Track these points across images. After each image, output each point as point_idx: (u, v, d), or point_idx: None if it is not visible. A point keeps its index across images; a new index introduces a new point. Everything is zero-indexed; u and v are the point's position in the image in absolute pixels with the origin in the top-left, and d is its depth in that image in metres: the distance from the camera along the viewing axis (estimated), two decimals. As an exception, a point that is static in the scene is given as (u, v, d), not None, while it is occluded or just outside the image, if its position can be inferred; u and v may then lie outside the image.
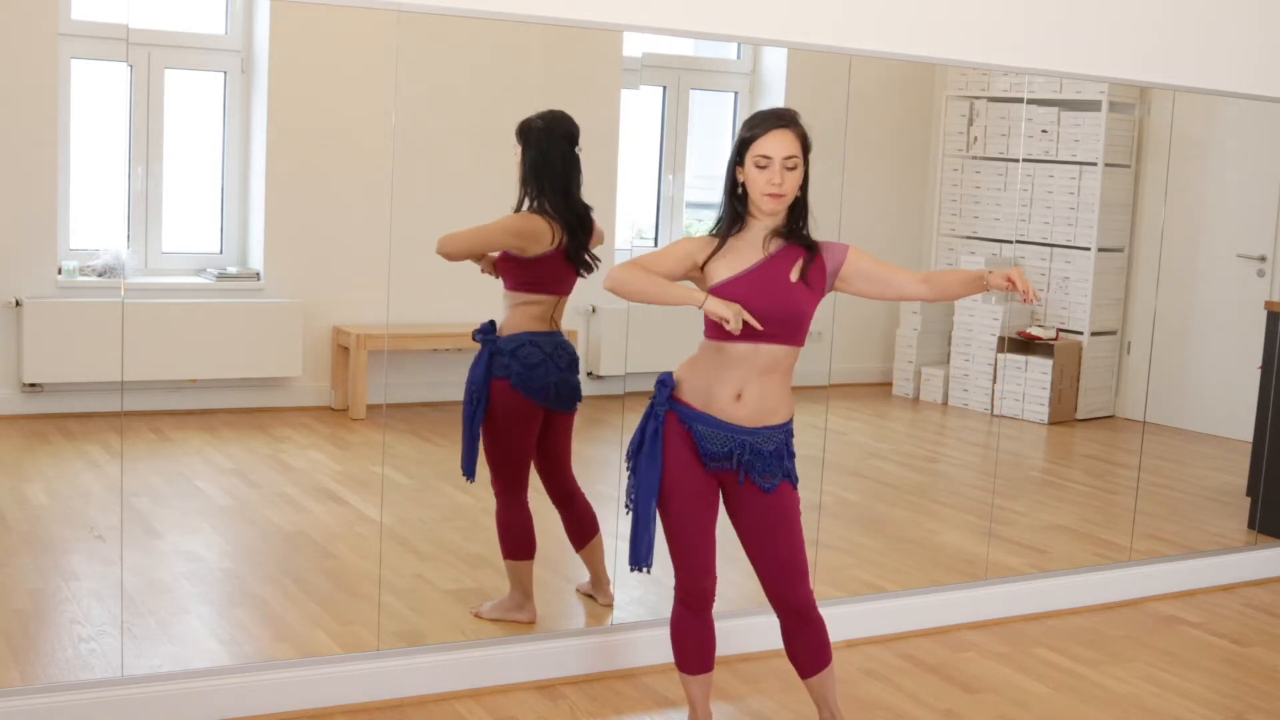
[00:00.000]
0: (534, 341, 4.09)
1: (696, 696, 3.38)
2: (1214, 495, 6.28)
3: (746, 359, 3.18)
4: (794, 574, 3.27)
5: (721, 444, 3.20)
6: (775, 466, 3.22)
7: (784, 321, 3.16)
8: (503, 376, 4.07)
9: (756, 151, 3.15)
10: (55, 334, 5.27)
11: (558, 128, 4.10)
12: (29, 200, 5.26)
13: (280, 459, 5.44)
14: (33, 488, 5.03)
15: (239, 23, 5.78)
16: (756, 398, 3.19)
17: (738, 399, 3.19)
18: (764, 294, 3.16)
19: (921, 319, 6.51)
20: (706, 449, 3.21)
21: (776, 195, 3.16)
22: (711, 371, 3.21)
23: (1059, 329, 6.79)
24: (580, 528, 4.31)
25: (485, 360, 4.09)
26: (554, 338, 4.14)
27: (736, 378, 3.19)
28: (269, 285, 5.63)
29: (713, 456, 3.21)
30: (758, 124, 3.18)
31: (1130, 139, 6.85)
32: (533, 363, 4.08)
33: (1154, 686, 4.19)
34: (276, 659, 3.80)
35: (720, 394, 3.20)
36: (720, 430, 3.19)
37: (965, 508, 5.71)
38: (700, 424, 3.20)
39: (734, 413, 3.19)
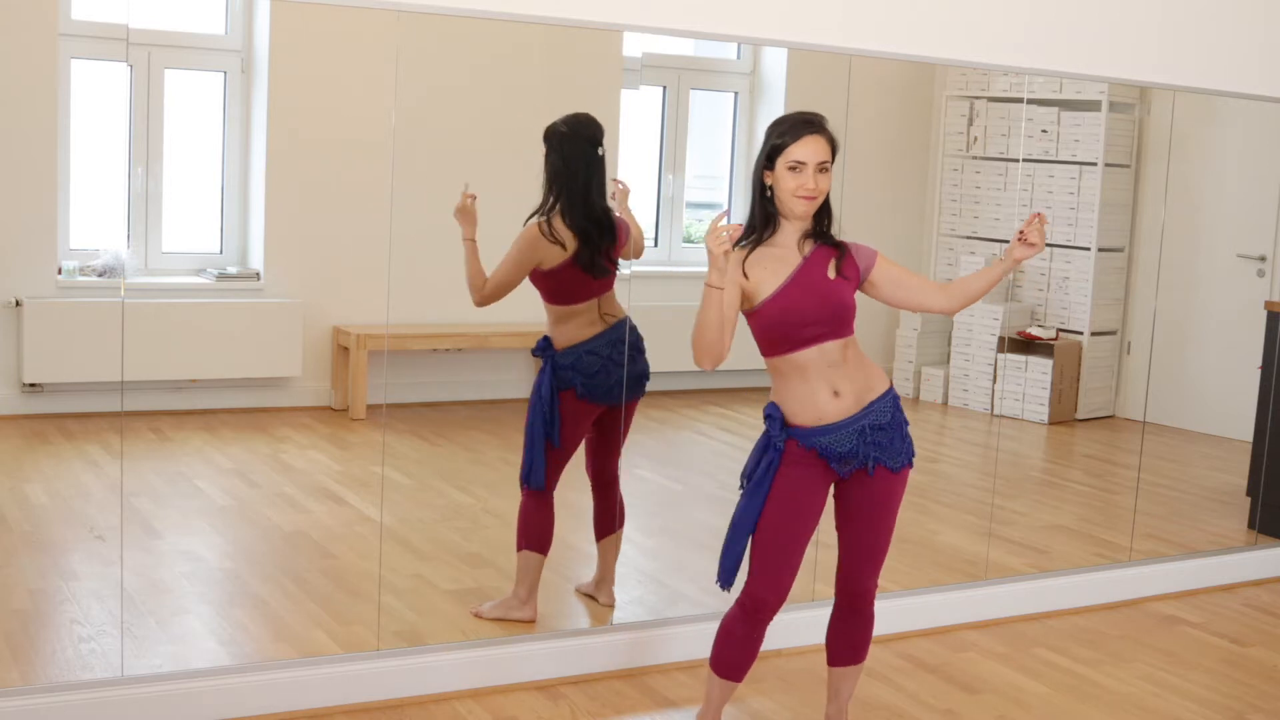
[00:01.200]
0: (591, 350, 4.13)
1: (715, 699, 3.38)
2: (1214, 495, 6.28)
3: (818, 361, 3.21)
4: (874, 563, 3.34)
5: (846, 441, 3.22)
6: (899, 442, 3.27)
7: (835, 317, 3.22)
8: (568, 387, 4.12)
9: (791, 157, 3.19)
10: (55, 334, 5.27)
11: (582, 131, 4.11)
12: (29, 200, 5.26)
13: (280, 459, 5.44)
14: (33, 488, 5.03)
15: (239, 23, 5.78)
16: (850, 386, 3.24)
17: (835, 396, 3.23)
18: (813, 295, 3.21)
19: (921, 319, 6.51)
20: (836, 453, 3.22)
21: (810, 198, 3.20)
22: (799, 387, 3.24)
23: (1059, 329, 6.78)
24: (608, 517, 4.33)
25: (550, 373, 4.12)
26: (608, 336, 4.16)
27: (823, 381, 3.22)
28: (269, 285, 5.63)
29: (843, 459, 3.23)
30: (789, 129, 3.21)
31: (1130, 139, 6.85)
32: (593, 371, 4.12)
33: (1154, 686, 4.19)
34: (276, 659, 3.80)
35: (820, 400, 3.22)
36: (840, 430, 3.22)
37: (965, 508, 5.71)
38: (821, 437, 3.22)
39: (841, 408, 3.23)
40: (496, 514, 5.13)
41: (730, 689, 3.38)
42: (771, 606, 3.29)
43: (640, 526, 4.90)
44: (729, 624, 3.33)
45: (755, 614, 3.29)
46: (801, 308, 3.19)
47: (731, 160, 5.96)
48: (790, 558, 3.27)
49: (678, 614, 4.29)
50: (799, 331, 3.20)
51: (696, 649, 4.09)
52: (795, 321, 3.19)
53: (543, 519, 4.18)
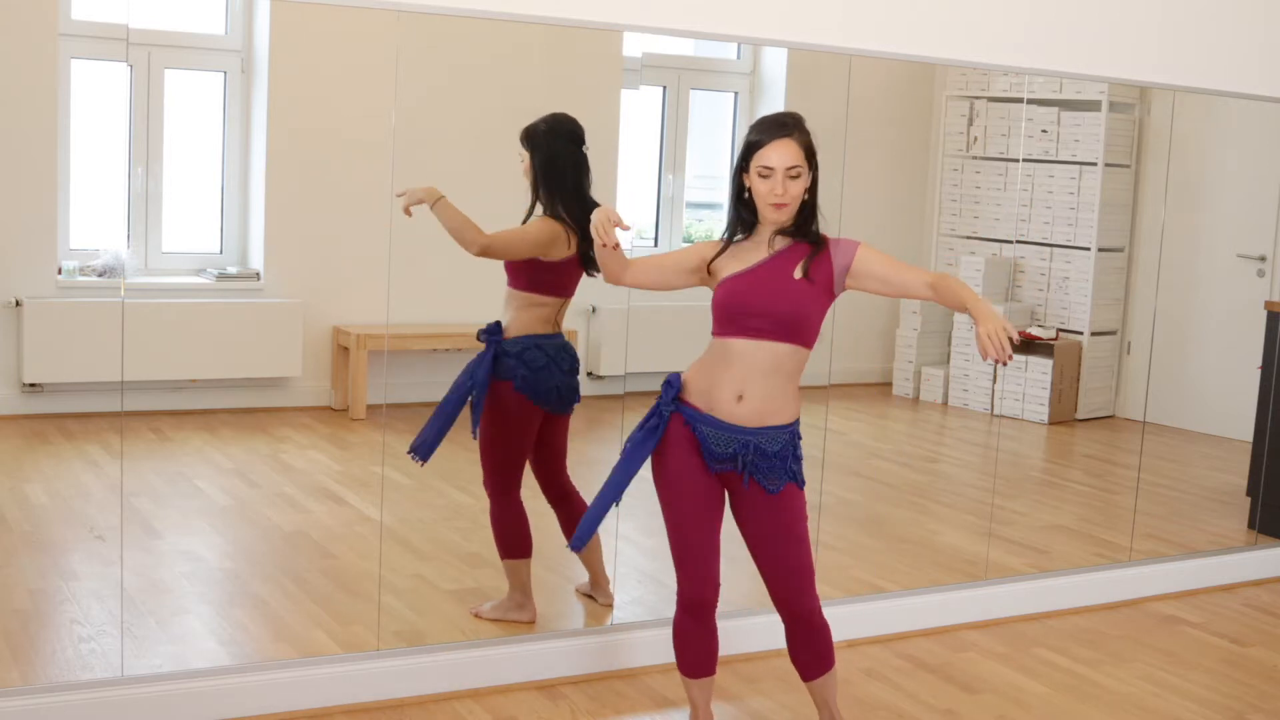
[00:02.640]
0: (539, 345, 4.10)
1: (698, 699, 3.38)
2: (1214, 495, 6.28)
3: (747, 356, 3.16)
4: (799, 580, 3.26)
5: (725, 445, 3.19)
6: (780, 468, 3.20)
7: (784, 318, 3.15)
8: (507, 378, 4.07)
9: (759, 162, 3.15)
10: (55, 334, 5.27)
11: (561, 129, 4.10)
12: (29, 200, 5.26)
13: (280, 459, 5.44)
14: (33, 488, 5.03)
15: (239, 23, 5.78)
16: (759, 398, 3.18)
17: (739, 400, 3.18)
18: (764, 290, 3.16)
19: (921, 319, 6.51)
20: (711, 450, 3.20)
21: (780, 205, 3.16)
22: (715, 372, 3.21)
23: (1059, 329, 6.78)
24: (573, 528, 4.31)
25: (489, 360, 4.07)
26: (556, 340, 4.15)
27: (738, 377, 3.18)
28: (269, 285, 5.63)
29: (717, 458, 3.21)
30: (761, 132, 3.17)
31: (1130, 139, 6.85)
32: (537, 366, 4.08)
33: (1154, 686, 4.19)
34: (276, 659, 3.80)
35: (722, 395, 3.19)
36: (723, 431, 3.19)
37: (965, 508, 5.71)
38: (704, 425, 3.20)
39: (736, 413, 3.18)
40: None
41: (708, 685, 3.37)
42: (709, 599, 3.28)
43: (640, 526, 4.90)
44: (678, 627, 3.32)
45: (695, 609, 3.28)
46: (747, 298, 3.15)
47: (731, 160, 5.95)
48: (705, 547, 3.24)
49: (678, 614, 4.28)
50: (742, 319, 3.16)
51: (696, 649, 4.09)
52: (738, 308, 3.16)
53: (514, 524, 4.16)
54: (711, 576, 3.26)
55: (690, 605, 3.28)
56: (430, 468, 5.25)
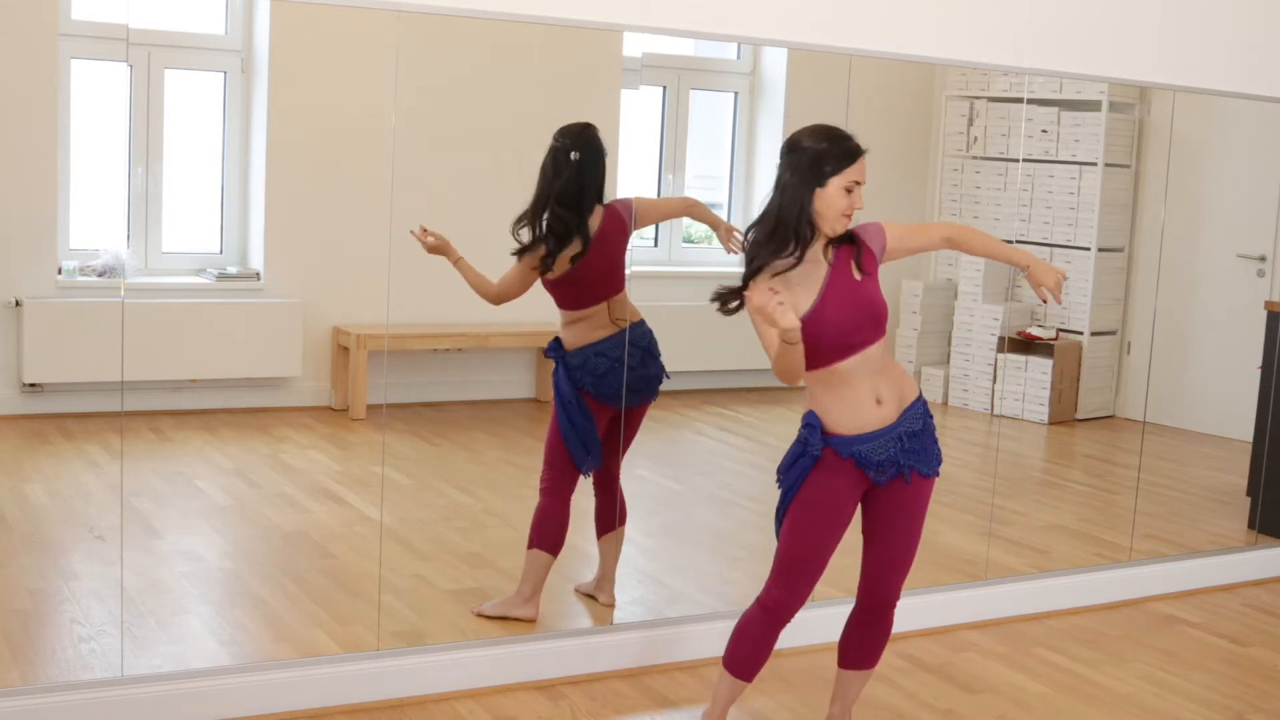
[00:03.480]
0: (599, 352, 4.15)
1: (724, 696, 3.38)
2: (1214, 495, 6.28)
3: (861, 369, 3.20)
4: (902, 569, 3.33)
5: (884, 450, 3.22)
6: (932, 447, 3.28)
7: (874, 320, 3.21)
8: (580, 386, 4.15)
9: (853, 178, 3.17)
10: (55, 334, 5.27)
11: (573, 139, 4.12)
12: (29, 200, 5.26)
13: (280, 459, 5.44)
14: (33, 488, 5.03)
15: (239, 23, 5.78)
16: (890, 393, 3.24)
17: (879, 404, 3.22)
18: (849, 303, 3.19)
19: (921, 319, 6.51)
20: (874, 461, 3.21)
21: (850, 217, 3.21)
22: (844, 396, 3.21)
23: (1059, 329, 6.79)
24: (609, 514, 4.33)
25: (563, 372, 4.16)
26: (617, 339, 4.17)
27: (868, 388, 3.21)
28: (269, 285, 5.63)
29: (880, 468, 3.22)
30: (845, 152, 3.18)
31: (1130, 139, 6.85)
32: (600, 372, 4.15)
33: (1154, 686, 4.19)
34: (276, 659, 3.80)
35: (864, 408, 3.21)
36: (878, 439, 3.21)
37: (965, 508, 5.70)
38: (861, 445, 3.21)
39: (883, 416, 3.22)
40: (496, 514, 5.13)
41: (739, 689, 3.37)
42: (792, 610, 3.29)
43: (640, 526, 4.90)
44: (746, 623, 3.32)
45: (775, 616, 3.28)
46: (841, 318, 3.16)
47: (731, 160, 5.96)
48: (817, 564, 3.27)
49: (678, 614, 4.28)
50: (843, 340, 3.17)
51: (697, 649, 4.09)
52: (838, 332, 3.16)
53: (559, 521, 4.19)
54: (808, 590, 3.29)
55: (772, 608, 3.27)
56: (430, 468, 5.26)
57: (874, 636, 3.41)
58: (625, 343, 4.17)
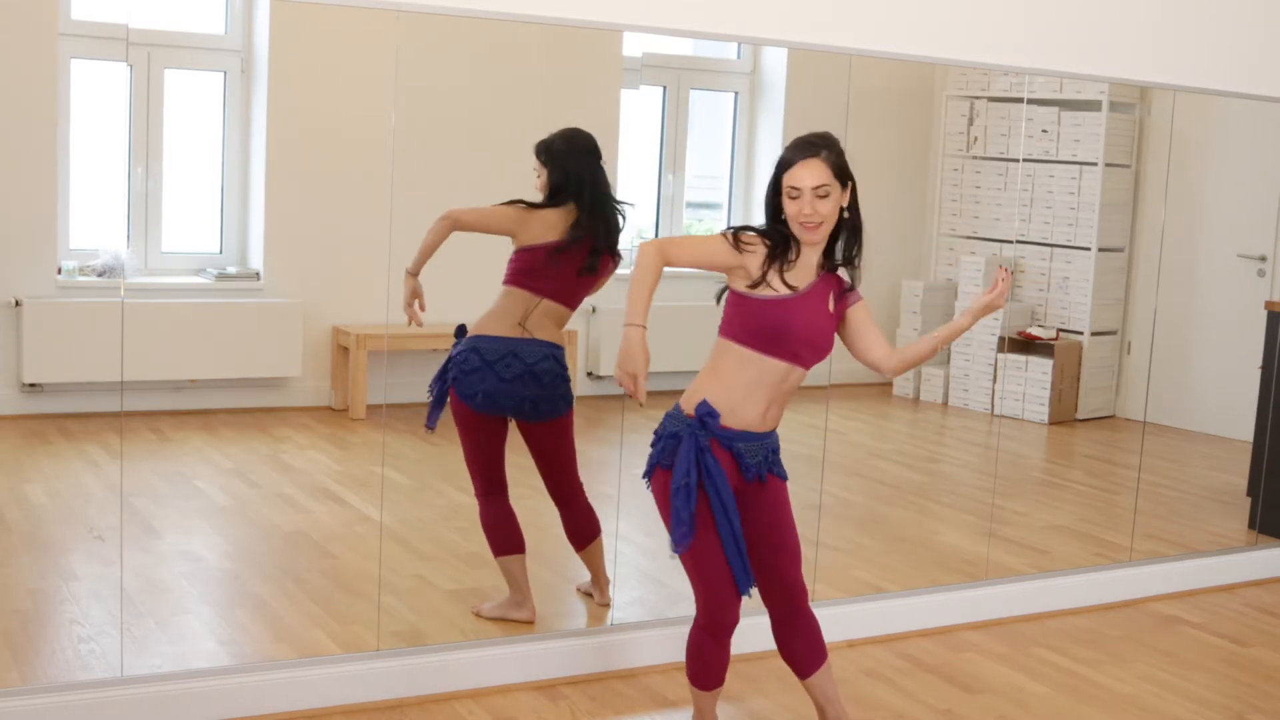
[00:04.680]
0: (476, 348, 4.05)
1: (705, 708, 3.39)
2: (1214, 495, 6.28)
3: (783, 379, 3.21)
4: (788, 553, 3.31)
5: (756, 454, 3.24)
6: (778, 457, 3.32)
7: (820, 348, 3.22)
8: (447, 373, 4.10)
9: (788, 183, 3.14)
10: (55, 334, 5.27)
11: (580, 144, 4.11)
12: (29, 200, 5.26)
13: (280, 459, 5.44)
14: (33, 488, 5.03)
15: (239, 23, 5.78)
16: (777, 409, 3.27)
17: (765, 414, 3.23)
18: (814, 320, 3.20)
19: (921, 319, 6.51)
20: (746, 463, 3.23)
21: (810, 226, 3.15)
22: (742, 389, 3.20)
23: (1059, 329, 6.78)
24: (579, 530, 4.31)
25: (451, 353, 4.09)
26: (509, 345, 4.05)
27: (765, 396, 3.21)
28: (269, 285, 5.63)
29: (751, 469, 3.24)
30: (790, 152, 3.17)
31: (1130, 139, 6.85)
32: (468, 369, 4.03)
33: (1154, 687, 4.19)
34: (276, 659, 3.80)
35: (750, 410, 3.21)
36: (755, 441, 3.23)
37: (965, 508, 5.70)
38: (740, 442, 3.22)
39: (763, 423, 3.24)
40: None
41: (712, 697, 3.38)
42: (733, 623, 3.28)
43: (640, 526, 4.90)
44: (698, 646, 3.30)
45: (721, 632, 3.28)
46: (797, 326, 3.16)
47: (731, 160, 5.96)
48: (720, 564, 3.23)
49: (678, 614, 4.28)
50: (788, 344, 3.17)
51: (696, 649, 4.09)
52: (788, 335, 3.16)
53: (501, 522, 4.15)
54: (737, 597, 3.27)
55: (714, 628, 3.27)
56: (430, 468, 5.26)
57: (803, 634, 3.35)
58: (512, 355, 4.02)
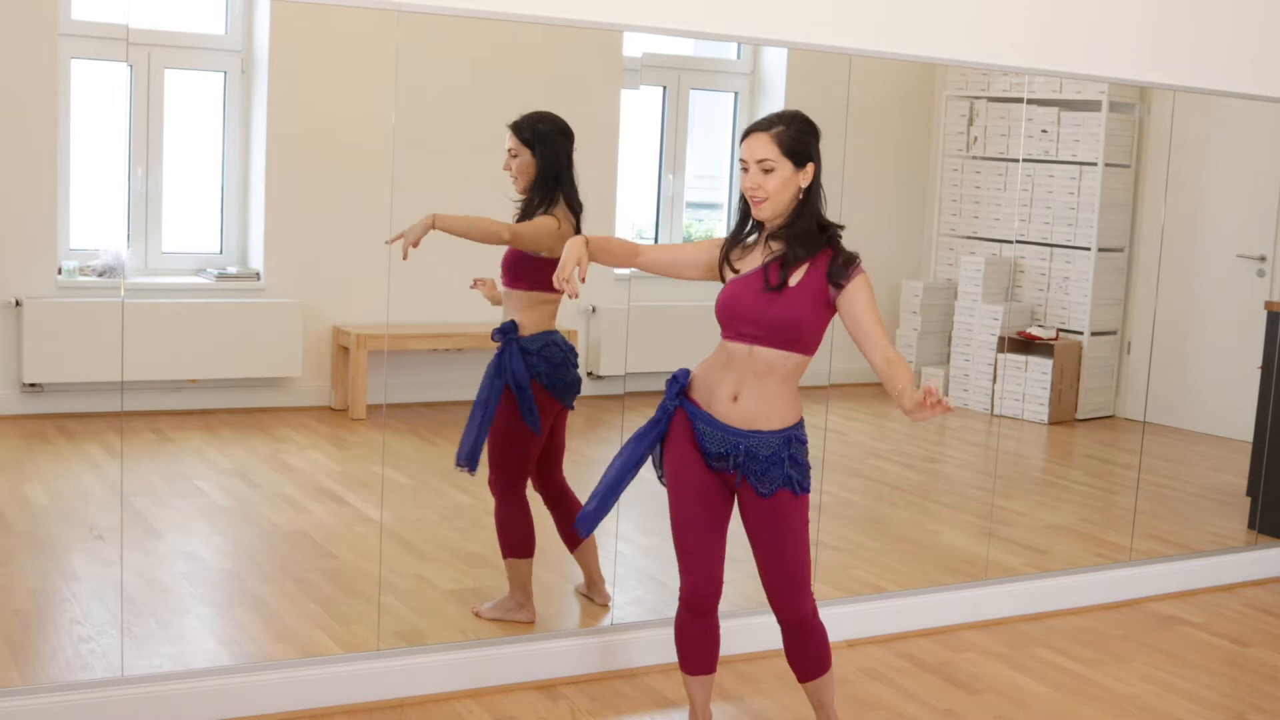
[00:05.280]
0: (554, 341, 4.13)
1: (697, 697, 3.39)
2: (1214, 495, 6.28)
3: (742, 360, 3.19)
4: (794, 585, 3.24)
5: (719, 444, 3.21)
6: (774, 472, 3.19)
7: (775, 326, 3.14)
8: (533, 375, 4.08)
9: (740, 155, 3.21)
10: (55, 334, 5.27)
11: (562, 126, 4.11)
12: (29, 200, 5.26)
13: (280, 459, 5.44)
14: (33, 488, 5.03)
15: (239, 23, 5.78)
16: (753, 400, 3.18)
17: (734, 400, 3.20)
18: (753, 299, 3.17)
19: (921, 319, 6.51)
20: (706, 448, 3.22)
21: (756, 200, 3.18)
22: (716, 371, 3.24)
23: (1059, 329, 6.78)
24: (571, 530, 4.31)
25: (517, 355, 4.05)
26: (560, 335, 4.18)
27: (734, 379, 3.20)
28: (269, 285, 5.63)
29: (713, 456, 3.22)
30: (747, 127, 3.23)
31: (1130, 139, 6.85)
32: (556, 361, 4.11)
33: (1154, 687, 4.19)
34: (276, 659, 3.80)
35: (720, 394, 3.22)
36: (717, 430, 3.21)
37: (965, 508, 5.70)
38: (702, 422, 3.22)
39: (730, 414, 3.20)
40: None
41: (708, 683, 3.38)
42: (710, 596, 3.27)
43: (640, 526, 4.90)
44: (680, 625, 3.33)
45: (699, 606, 3.28)
46: (739, 303, 3.18)
47: (731, 160, 5.96)
48: (708, 542, 3.24)
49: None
50: (736, 324, 3.19)
51: (696, 649, 4.08)
52: (731, 313, 3.19)
53: (521, 523, 4.16)
54: (712, 574, 3.26)
55: (690, 602, 3.28)
56: (430, 468, 5.26)
57: (809, 648, 3.33)
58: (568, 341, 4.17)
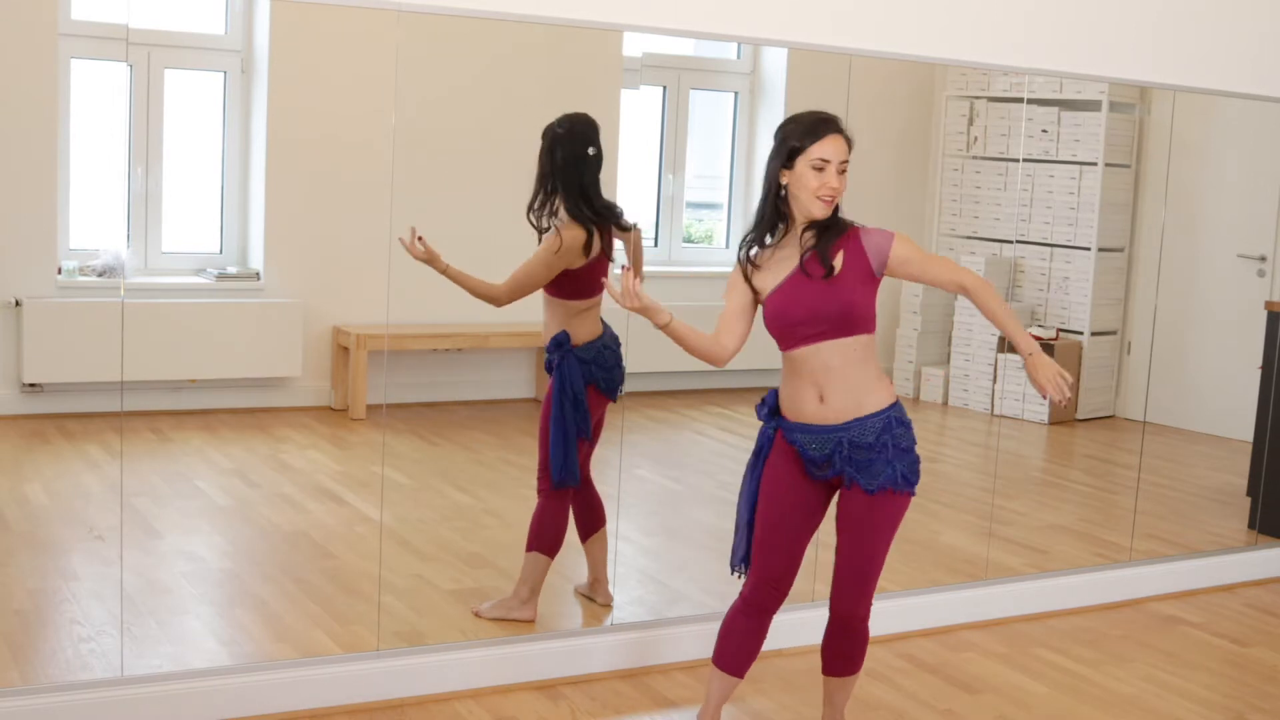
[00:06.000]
0: (605, 345, 4.18)
1: (715, 695, 3.37)
2: (1214, 495, 6.28)
3: (812, 361, 3.17)
4: (861, 583, 3.25)
5: (821, 447, 3.19)
6: (878, 464, 3.17)
7: (834, 317, 3.14)
8: (590, 381, 4.15)
9: (816, 154, 3.13)
10: (55, 334, 5.27)
11: (577, 130, 4.11)
12: (29, 200, 5.26)
13: (280, 459, 5.44)
14: (33, 488, 5.03)
15: (239, 23, 5.78)
16: (838, 394, 3.17)
17: (821, 402, 3.18)
18: (809, 296, 3.15)
19: (921, 319, 6.51)
20: (810, 456, 3.21)
21: (829, 199, 3.16)
22: (791, 384, 3.23)
23: (1059, 329, 6.78)
24: (590, 517, 4.33)
25: (575, 366, 4.11)
26: (609, 332, 4.22)
27: (811, 382, 3.19)
28: (269, 285, 5.63)
29: (817, 464, 3.21)
30: (810, 128, 3.15)
31: (1130, 139, 6.85)
32: (610, 365, 4.17)
33: (1154, 687, 4.19)
34: (276, 659, 3.80)
35: (805, 400, 3.20)
36: (816, 434, 3.19)
37: (965, 508, 5.70)
38: (799, 433, 3.22)
39: (822, 415, 3.19)
40: (496, 514, 5.13)
41: (731, 685, 3.37)
42: (771, 599, 3.28)
43: (640, 526, 4.90)
44: (731, 618, 3.33)
45: (755, 607, 3.29)
46: (791, 310, 3.15)
47: (731, 160, 5.96)
48: (784, 551, 3.25)
49: (678, 614, 4.29)
50: (793, 330, 3.17)
51: (696, 649, 4.09)
52: (788, 321, 3.16)
53: (558, 522, 4.19)
54: (780, 581, 3.27)
55: (752, 600, 3.29)
56: (430, 468, 5.26)
57: (848, 647, 3.36)
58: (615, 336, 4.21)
